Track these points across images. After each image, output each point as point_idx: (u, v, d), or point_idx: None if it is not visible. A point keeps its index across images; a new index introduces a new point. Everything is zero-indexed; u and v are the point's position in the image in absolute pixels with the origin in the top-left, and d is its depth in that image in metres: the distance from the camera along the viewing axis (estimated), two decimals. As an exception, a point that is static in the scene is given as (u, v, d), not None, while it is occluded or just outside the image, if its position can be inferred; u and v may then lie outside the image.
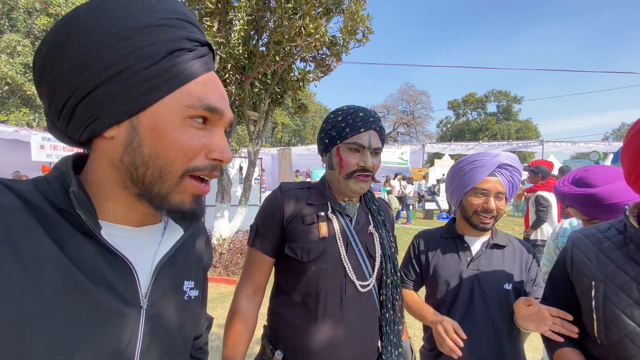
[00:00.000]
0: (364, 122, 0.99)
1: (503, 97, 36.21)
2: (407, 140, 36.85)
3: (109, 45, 0.43)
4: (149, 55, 0.44)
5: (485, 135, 32.71)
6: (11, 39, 13.32)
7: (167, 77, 0.45)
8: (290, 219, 0.99)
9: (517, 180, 1.18)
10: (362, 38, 4.66)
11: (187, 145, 0.46)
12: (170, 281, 0.56)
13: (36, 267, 0.40)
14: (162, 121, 0.45)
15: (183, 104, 0.46)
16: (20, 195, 0.43)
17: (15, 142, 11.05)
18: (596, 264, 0.85)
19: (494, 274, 1.16)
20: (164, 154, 0.46)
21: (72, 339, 0.42)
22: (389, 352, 1.01)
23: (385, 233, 1.07)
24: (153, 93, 0.45)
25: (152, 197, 0.48)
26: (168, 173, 0.47)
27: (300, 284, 0.97)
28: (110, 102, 0.44)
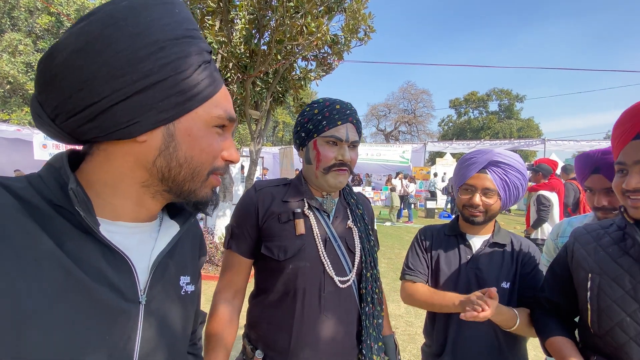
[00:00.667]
0: (340, 115, 0.97)
1: (505, 95, 36.09)
2: (409, 139, 36.79)
3: (149, 54, 0.45)
4: (186, 67, 0.48)
5: (487, 134, 32.62)
6: (12, 38, 13.34)
7: (201, 88, 0.50)
8: (265, 217, 0.98)
9: (516, 179, 1.16)
10: (363, 37, 4.65)
11: (215, 149, 0.54)
12: (167, 277, 0.57)
13: (35, 266, 0.40)
14: (196, 129, 0.51)
15: (214, 115, 0.52)
16: (15, 193, 0.43)
17: (17, 141, 11.08)
18: (594, 258, 0.90)
19: (493, 273, 1.17)
20: (198, 157, 0.52)
21: (73, 336, 0.42)
22: (368, 345, 1.00)
23: (364, 226, 1.06)
24: (189, 103, 0.49)
25: (181, 193, 0.54)
26: (198, 173, 0.53)
27: (278, 282, 0.96)
28: (149, 109, 0.46)
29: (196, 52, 0.49)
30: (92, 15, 0.44)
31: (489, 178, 1.16)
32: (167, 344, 0.55)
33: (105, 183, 0.50)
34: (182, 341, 0.61)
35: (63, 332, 0.41)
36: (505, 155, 1.17)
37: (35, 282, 0.40)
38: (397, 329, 3.38)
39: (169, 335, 0.56)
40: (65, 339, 0.41)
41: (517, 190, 1.18)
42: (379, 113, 39.13)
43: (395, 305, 3.99)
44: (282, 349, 0.94)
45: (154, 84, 0.46)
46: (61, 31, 14.57)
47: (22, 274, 0.39)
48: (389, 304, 4.05)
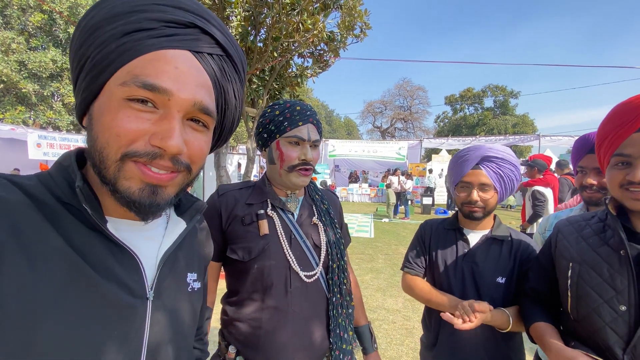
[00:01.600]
0: (301, 116, 1.00)
1: (500, 92, 36.22)
2: (405, 136, 36.87)
3: (87, 37, 0.45)
4: (104, 40, 0.44)
5: (482, 130, 32.73)
6: (5, 37, 13.15)
7: (112, 58, 0.43)
8: (229, 221, 1.00)
9: (509, 172, 1.19)
10: (359, 34, 4.66)
11: (121, 127, 0.43)
12: (174, 273, 0.57)
13: (44, 261, 0.41)
14: (103, 104, 0.44)
15: (118, 83, 0.43)
16: (25, 190, 0.43)
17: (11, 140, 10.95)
18: (575, 248, 0.95)
19: (489, 267, 1.19)
20: (101, 136, 0.44)
21: (82, 331, 0.43)
22: (337, 335, 1.03)
23: (329, 220, 1.10)
24: (101, 75, 0.44)
25: (106, 184, 0.46)
26: (106, 156, 0.44)
27: (246, 282, 0.99)
28: (80, 90, 0.47)
29: (129, 22, 0.44)
30: None
31: (484, 173, 1.18)
32: (174, 339, 0.56)
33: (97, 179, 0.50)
34: (188, 336, 0.62)
35: (72, 327, 0.42)
36: (496, 149, 1.20)
37: (45, 277, 0.40)
38: (394, 323, 3.42)
39: (176, 331, 0.56)
40: (74, 334, 0.42)
41: (512, 182, 1.21)
42: (375, 110, 39.14)
43: (393, 300, 4.03)
44: (253, 344, 0.97)
45: (83, 67, 0.46)
46: (54, 29, 14.40)
47: (32, 269, 0.40)
48: (387, 299, 4.09)
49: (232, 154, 9.34)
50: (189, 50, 0.47)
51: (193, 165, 0.50)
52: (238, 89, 0.57)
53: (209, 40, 0.50)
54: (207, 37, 0.50)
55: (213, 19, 0.51)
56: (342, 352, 1.03)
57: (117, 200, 0.46)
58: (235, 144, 18.78)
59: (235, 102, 0.57)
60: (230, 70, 0.54)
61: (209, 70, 0.50)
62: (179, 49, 0.46)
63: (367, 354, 1.18)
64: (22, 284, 0.39)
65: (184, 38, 0.47)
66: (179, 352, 0.57)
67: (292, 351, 0.97)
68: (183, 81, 0.45)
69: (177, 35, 0.46)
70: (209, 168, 8.32)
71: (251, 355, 0.98)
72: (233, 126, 0.61)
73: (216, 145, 0.63)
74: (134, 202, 0.45)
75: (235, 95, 0.57)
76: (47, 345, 0.40)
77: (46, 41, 14.36)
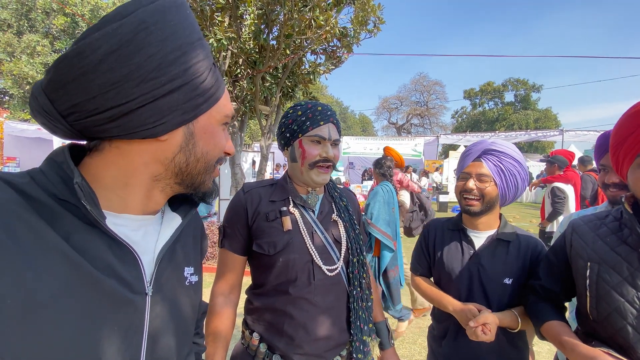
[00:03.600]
0: (323, 116, 1.05)
1: (521, 85, 35.04)
2: (421, 132, 36.26)
3: (175, 58, 0.48)
4: (202, 70, 0.51)
5: (503, 125, 31.80)
6: (31, 40, 13.73)
7: (213, 90, 0.54)
8: (254, 217, 1.06)
9: (511, 166, 1.18)
10: (373, 28, 4.59)
11: (224, 143, 0.60)
12: (172, 268, 0.58)
13: (43, 260, 0.41)
14: (210, 127, 0.56)
15: (223, 113, 0.57)
16: (18, 189, 0.43)
17: (38, 140, 11.48)
18: (592, 247, 0.94)
19: (496, 268, 1.18)
20: (213, 151, 0.58)
21: (82, 327, 0.43)
22: (357, 327, 1.07)
23: (348, 217, 1.15)
24: (206, 104, 0.53)
25: (193, 184, 0.58)
26: (211, 164, 0.58)
27: (271, 275, 1.04)
28: (174, 110, 0.50)
29: (206, 55, 0.52)
30: (123, 17, 0.44)
31: (483, 165, 1.20)
32: (173, 334, 0.57)
33: (116, 177, 0.51)
34: (187, 330, 0.63)
35: (72, 324, 0.42)
36: (499, 144, 1.21)
37: (44, 275, 0.41)
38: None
39: (175, 325, 0.57)
40: (74, 330, 0.42)
41: (514, 177, 1.19)
42: (390, 106, 38.66)
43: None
44: (277, 331, 1.02)
45: (179, 87, 0.49)
46: (77, 31, 14.90)
47: (30, 267, 0.40)
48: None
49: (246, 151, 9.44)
50: None
51: None
52: None
53: None
54: None
55: None
56: (362, 344, 1.07)
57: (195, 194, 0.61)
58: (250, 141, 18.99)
59: None
60: None
61: None
62: None
63: (384, 350, 1.22)
64: (20, 283, 0.39)
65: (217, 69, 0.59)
66: (178, 345, 0.58)
67: (314, 340, 1.01)
68: None
69: None
70: (224, 165, 8.47)
71: (275, 341, 1.02)
72: None
73: None
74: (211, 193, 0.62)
75: None
76: (49, 343, 0.40)
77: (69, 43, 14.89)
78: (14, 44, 13.53)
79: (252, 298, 1.10)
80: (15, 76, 13.06)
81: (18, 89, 13.40)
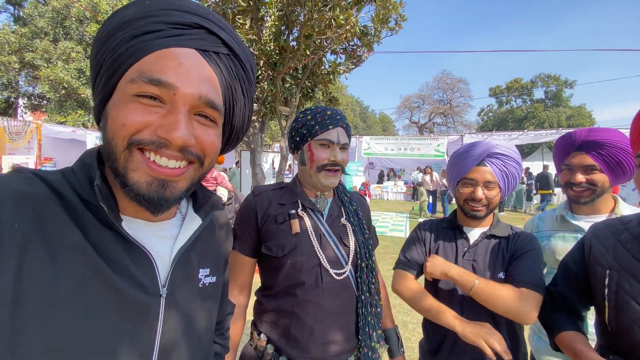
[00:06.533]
0: (332, 120, 1.06)
1: (552, 81, 33.39)
2: (444, 131, 35.39)
3: (101, 45, 0.48)
4: (116, 45, 0.47)
5: (532, 123, 30.43)
6: (66, 47, 14.51)
7: (123, 59, 0.47)
8: (263, 220, 1.07)
9: (513, 169, 1.17)
10: (394, 26, 4.50)
11: (128, 118, 0.45)
12: (187, 270, 0.58)
13: (64, 254, 0.42)
14: (115, 101, 0.48)
15: (127, 80, 0.46)
16: (50, 185, 0.45)
17: (73, 141, 12.11)
18: (612, 254, 0.87)
19: (490, 263, 1.17)
20: (111, 128, 0.47)
21: (97, 325, 0.44)
22: (366, 333, 1.06)
23: (357, 221, 1.14)
24: (113, 77, 0.48)
25: (118, 179, 0.48)
26: (114, 146, 0.46)
27: (279, 278, 1.04)
28: (97, 94, 0.50)
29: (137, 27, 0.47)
30: None
31: (489, 170, 1.16)
32: (187, 336, 0.57)
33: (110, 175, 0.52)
34: (203, 332, 0.62)
35: (88, 321, 0.43)
36: (502, 146, 1.18)
37: (64, 270, 0.42)
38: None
39: (190, 327, 0.57)
40: (89, 328, 0.43)
41: (515, 180, 1.19)
42: (412, 104, 37.99)
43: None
44: (284, 334, 1.03)
45: (99, 72, 0.49)
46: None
47: (53, 261, 0.41)
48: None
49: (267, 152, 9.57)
50: (194, 49, 0.49)
51: (206, 158, 0.52)
52: (247, 87, 0.59)
53: (214, 39, 0.52)
54: (213, 36, 0.52)
55: (219, 21, 0.53)
56: (370, 350, 1.05)
57: (127, 194, 0.48)
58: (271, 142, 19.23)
59: (244, 100, 0.59)
60: (237, 68, 0.56)
61: (215, 67, 0.51)
62: (184, 47, 0.48)
63: (393, 357, 1.20)
64: (43, 275, 0.40)
65: (189, 37, 0.49)
66: (192, 348, 0.58)
67: (321, 344, 1.01)
68: (187, 76, 0.47)
69: (183, 35, 0.49)
70: (245, 166, 8.63)
71: (281, 343, 1.02)
72: (244, 125, 0.62)
73: (229, 145, 0.64)
74: (143, 196, 0.47)
75: (244, 93, 0.58)
76: (64, 337, 0.41)
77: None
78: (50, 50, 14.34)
79: (261, 299, 1.11)
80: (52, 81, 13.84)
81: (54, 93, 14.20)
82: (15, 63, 13.25)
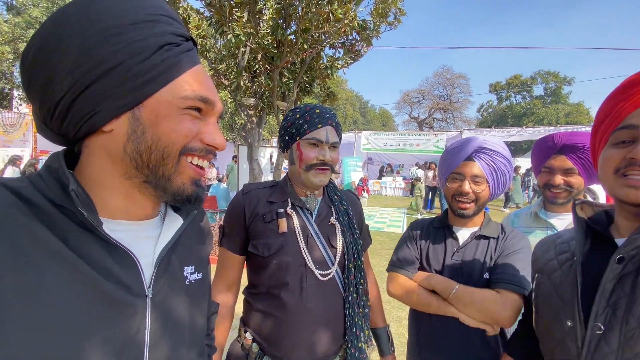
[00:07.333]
0: (320, 119, 1.05)
1: (552, 78, 33.30)
2: (444, 127, 35.34)
3: (100, 42, 0.45)
4: (141, 50, 0.47)
5: (530, 120, 30.39)
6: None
7: (160, 71, 0.48)
8: (251, 218, 1.07)
9: (502, 165, 1.16)
10: (393, 20, 4.45)
11: (185, 128, 0.51)
12: (171, 269, 0.58)
13: (43, 262, 0.42)
14: (162, 111, 0.49)
15: (179, 96, 0.50)
16: (15, 192, 0.43)
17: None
18: (543, 256, 0.84)
19: (477, 264, 1.16)
20: (167, 137, 0.50)
21: (85, 330, 0.44)
22: (353, 333, 1.05)
23: (347, 220, 1.13)
24: (149, 86, 0.48)
25: (158, 181, 0.52)
26: (169, 154, 0.51)
27: (264, 276, 1.04)
28: (107, 96, 0.46)
29: (157, 34, 0.48)
30: (50, 16, 0.46)
31: (477, 165, 1.16)
32: (176, 334, 0.57)
33: (94, 180, 0.51)
34: (194, 329, 0.63)
35: (76, 326, 0.43)
36: (491, 142, 1.18)
37: (45, 278, 0.41)
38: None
39: (178, 326, 0.58)
40: (77, 332, 0.43)
41: (504, 177, 1.18)
42: (412, 100, 37.84)
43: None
44: (267, 336, 1.03)
45: (108, 71, 0.45)
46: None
47: (31, 271, 0.40)
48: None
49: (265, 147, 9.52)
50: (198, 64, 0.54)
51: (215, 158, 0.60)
52: None
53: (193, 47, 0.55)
54: (195, 47, 0.56)
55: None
56: (357, 350, 1.05)
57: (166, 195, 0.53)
58: (269, 137, 19.16)
59: None
60: None
61: None
62: (198, 64, 0.54)
63: (383, 356, 1.22)
64: (22, 287, 0.39)
65: (194, 53, 0.54)
66: (181, 346, 0.58)
67: (304, 346, 1.00)
68: (215, 93, 0.55)
69: (191, 50, 0.54)
70: (242, 161, 8.55)
71: (264, 342, 1.03)
72: None
73: None
74: (187, 197, 0.54)
75: None
76: (53, 345, 0.41)
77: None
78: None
79: (248, 298, 1.12)
80: (48, 73, 13.66)
81: (51, 85, 14.02)
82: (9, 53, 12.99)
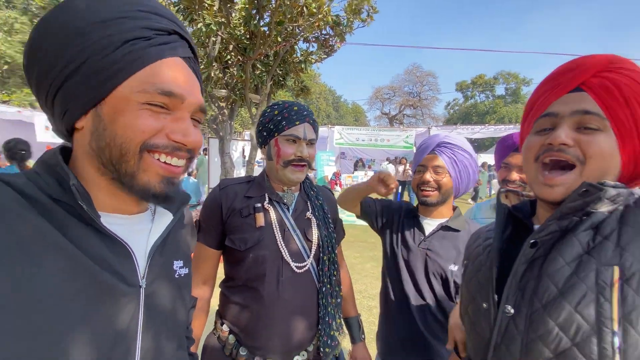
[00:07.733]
0: (298, 116, 1.07)
1: (512, 79, 35.30)
2: (413, 123, 36.36)
3: (70, 41, 0.46)
4: (105, 46, 0.47)
5: (493, 118, 32.08)
6: (8, 16, 13.05)
7: (121, 65, 0.48)
8: (228, 213, 1.08)
9: (463, 158, 1.26)
10: (366, 18, 4.50)
11: (143, 123, 0.49)
12: (162, 262, 0.60)
13: (43, 254, 0.43)
14: (120, 106, 0.49)
15: (137, 90, 0.49)
16: (16, 188, 0.45)
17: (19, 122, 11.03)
18: (472, 244, 0.84)
19: (443, 254, 1.24)
20: (122, 133, 0.49)
21: (84, 319, 0.46)
22: (326, 322, 1.10)
23: (322, 215, 1.17)
24: (110, 81, 0.48)
25: (123, 178, 0.51)
26: (127, 150, 0.49)
27: (241, 270, 1.06)
28: (75, 94, 0.48)
29: (124, 30, 0.48)
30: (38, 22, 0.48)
31: (439, 158, 1.27)
32: (166, 324, 0.60)
33: (81, 176, 0.53)
34: (181, 320, 0.66)
35: (75, 317, 0.44)
36: (452, 137, 1.29)
37: (44, 269, 0.43)
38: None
39: (168, 316, 0.60)
40: (75, 321, 0.45)
41: (467, 169, 1.28)
42: (383, 96, 38.54)
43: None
44: (244, 327, 1.05)
45: (76, 69, 0.47)
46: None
47: (32, 264, 0.42)
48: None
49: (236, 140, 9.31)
50: (179, 57, 0.53)
51: (195, 155, 0.58)
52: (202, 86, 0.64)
53: (185, 44, 0.55)
54: (184, 41, 0.55)
55: (182, 24, 0.56)
56: (329, 338, 1.10)
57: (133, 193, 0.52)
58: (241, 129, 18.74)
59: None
60: (197, 70, 0.59)
61: (193, 72, 0.56)
62: (172, 56, 0.52)
63: (354, 344, 1.30)
64: (24, 279, 0.41)
65: (173, 46, 0.52)
66: (172, 335, 0.61)
67: (280, 336, 1.04)
68: (190, 86, 0.53)
69: (169, 44, 0.52)
70: (214, 154, 8.33)
71: (242, 334, 1.05)
72: None
73: None
74: (154, 194, 0.53)
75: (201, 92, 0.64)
76: (53, 334, 0.42)
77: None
78: (-10, 20, 12.86)
79: (224, 291, 1.13)
80: (-8, 55, 12.46)
81: (-4, 68, 12.81)
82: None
